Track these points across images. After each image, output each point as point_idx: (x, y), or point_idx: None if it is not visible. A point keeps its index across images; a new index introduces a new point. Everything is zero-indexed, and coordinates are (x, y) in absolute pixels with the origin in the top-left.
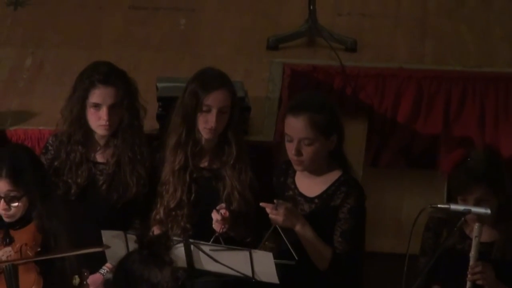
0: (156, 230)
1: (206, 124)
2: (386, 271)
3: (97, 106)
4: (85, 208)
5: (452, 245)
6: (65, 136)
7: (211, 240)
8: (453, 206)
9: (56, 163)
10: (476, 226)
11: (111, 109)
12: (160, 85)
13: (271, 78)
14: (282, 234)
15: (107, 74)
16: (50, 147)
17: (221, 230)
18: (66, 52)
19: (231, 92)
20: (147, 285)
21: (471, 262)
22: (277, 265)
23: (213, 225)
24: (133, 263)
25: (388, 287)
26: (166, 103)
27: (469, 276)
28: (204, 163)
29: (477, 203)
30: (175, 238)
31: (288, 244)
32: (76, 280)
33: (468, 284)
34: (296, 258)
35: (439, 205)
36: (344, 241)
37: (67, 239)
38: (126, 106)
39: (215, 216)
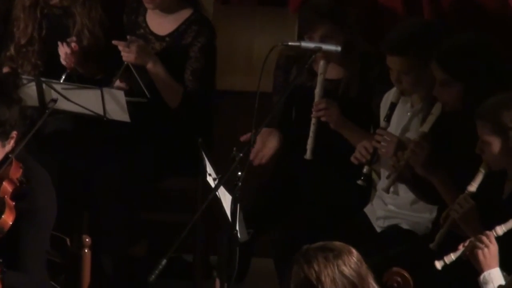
0: (6, 69)
1: None
2: (238, 108)
3: None
4: None
5: (302, 82)
6: None
7: (63, 77)
8: (304, 44)
9: None
10: (321, 63)
11: None
12: None
13: None
14: (134, 72)
15: None
16: None
17: (71, 66)
18: None
19: None
20: None
21: (316, 99)
22: (128, 103)
23: (62, 60)
24: None
25: (240, 125)
26: None
27: (313, 113)
28: (55, 0)
29: (322, 40)
30: (26, 77)
31: (140, 82)
32: None
33: (313, 120)
34: (148, 96)
35: (290, 43)
36: (195, 79)
37: None
38: None
39: (64, 49)
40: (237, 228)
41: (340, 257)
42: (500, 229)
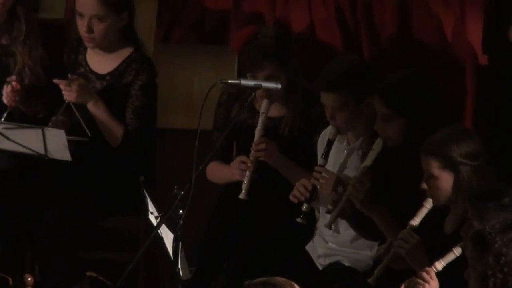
0: None
1: None
2: (178, 147)
3: None
4: None
5: (244, 120)
6: None
7: (3, 116)
8: (244, 82)
9: None
10: (264, 102)
11: None
12: None
13: None
14: (75, 111)
15: None
16: None
17: (13, 104)
18: None
19: None
20: None
21: (256, 138)
22: (69, 142)
23: (4, 99)
24: None
25: (180, 163)
26: None
27: (252, 152)
28: None
29: (266, 80)
30: None
31: (81, 121)
32: None
33: (252, 160)
34: (89, 134)
35: (230, 81)
36: (136, 118)
37: None
38: None
39: (4, 88)
40: (179, 266)
41: None
42: (439, 264)
